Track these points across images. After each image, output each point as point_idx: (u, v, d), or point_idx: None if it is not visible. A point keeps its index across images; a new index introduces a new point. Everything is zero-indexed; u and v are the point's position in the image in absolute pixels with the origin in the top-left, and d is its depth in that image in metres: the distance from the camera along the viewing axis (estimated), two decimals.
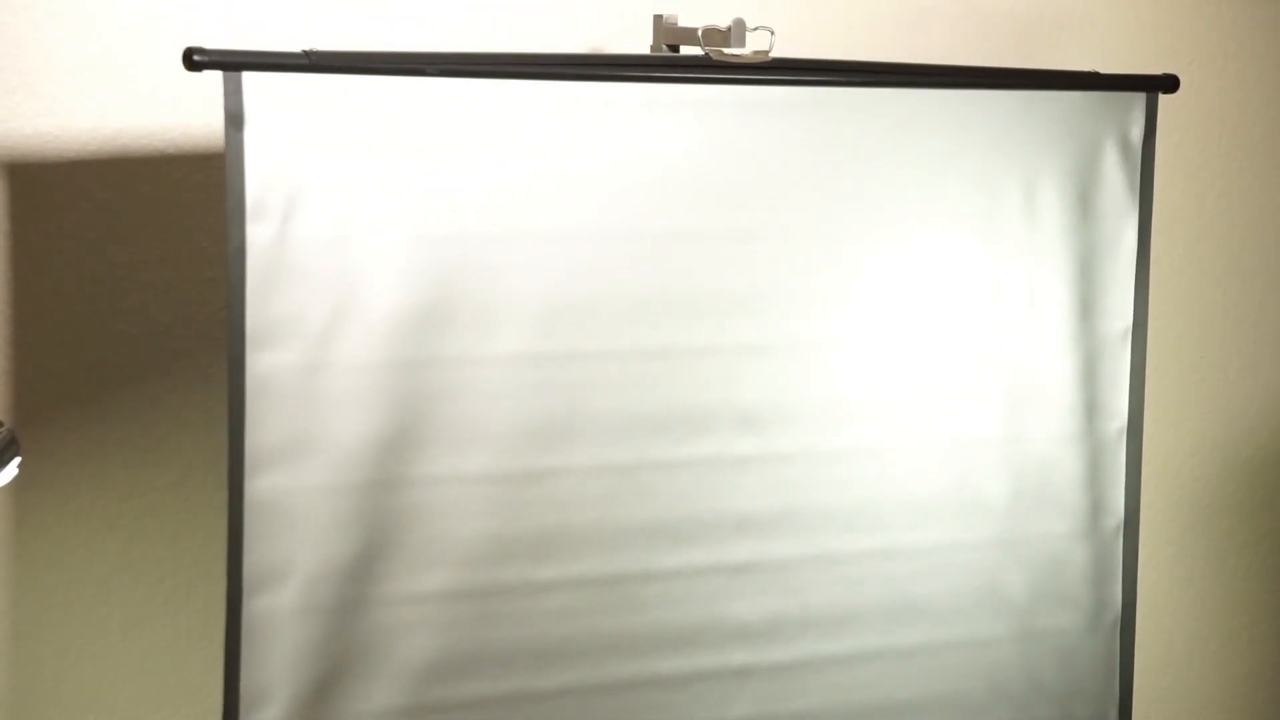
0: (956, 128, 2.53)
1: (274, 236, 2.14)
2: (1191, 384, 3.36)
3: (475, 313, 2.26)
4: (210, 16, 2.50)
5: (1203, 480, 3.41)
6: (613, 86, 2.32)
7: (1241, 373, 3.41)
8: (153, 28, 2.47)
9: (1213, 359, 3.38)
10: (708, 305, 2.39)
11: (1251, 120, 3.33)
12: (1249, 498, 3.46)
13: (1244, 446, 3.44)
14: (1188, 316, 3.33)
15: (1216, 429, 3.41)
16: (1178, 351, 3.33)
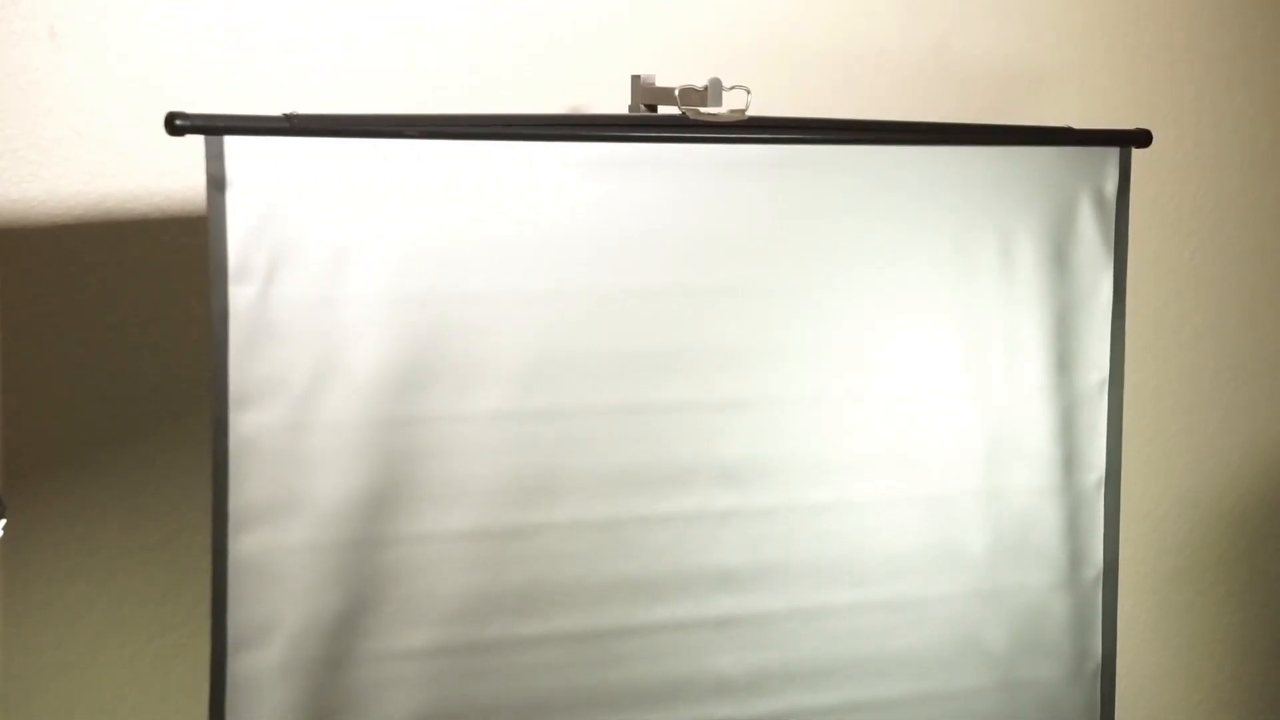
0: (933, 183, 2.55)
1: (256, 297, 2.16)
2: (1171, 435, 3.38)
3: (457, 371, 2.28)
4: (192, 80, 2.52)
5: (1184, 530, 3.42)
6: (592, 146, 2.34)
7: (1221, 423, 3.43)
8: (135, 93, 2.50)
9: (1192, 410, 3.40)
10: (687, 361, 2.41)
11: (1226, 174, 3.36)
12: (1231, 547, 3.48)
13: (1225, 496, 3.45)
14: (1166, 368, 3.35)
15: (1197, 479, 3.43)
16: (1157, 403, 3.35)
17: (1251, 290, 3.42)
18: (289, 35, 2.58)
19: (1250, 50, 3.34)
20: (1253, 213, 3.40)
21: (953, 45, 3.05)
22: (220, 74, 2.54)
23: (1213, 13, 3.29)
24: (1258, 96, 3.36)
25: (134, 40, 2.50)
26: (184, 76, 2.52)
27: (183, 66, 2.52)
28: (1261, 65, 3.35)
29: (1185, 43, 3.27)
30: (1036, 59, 3.13)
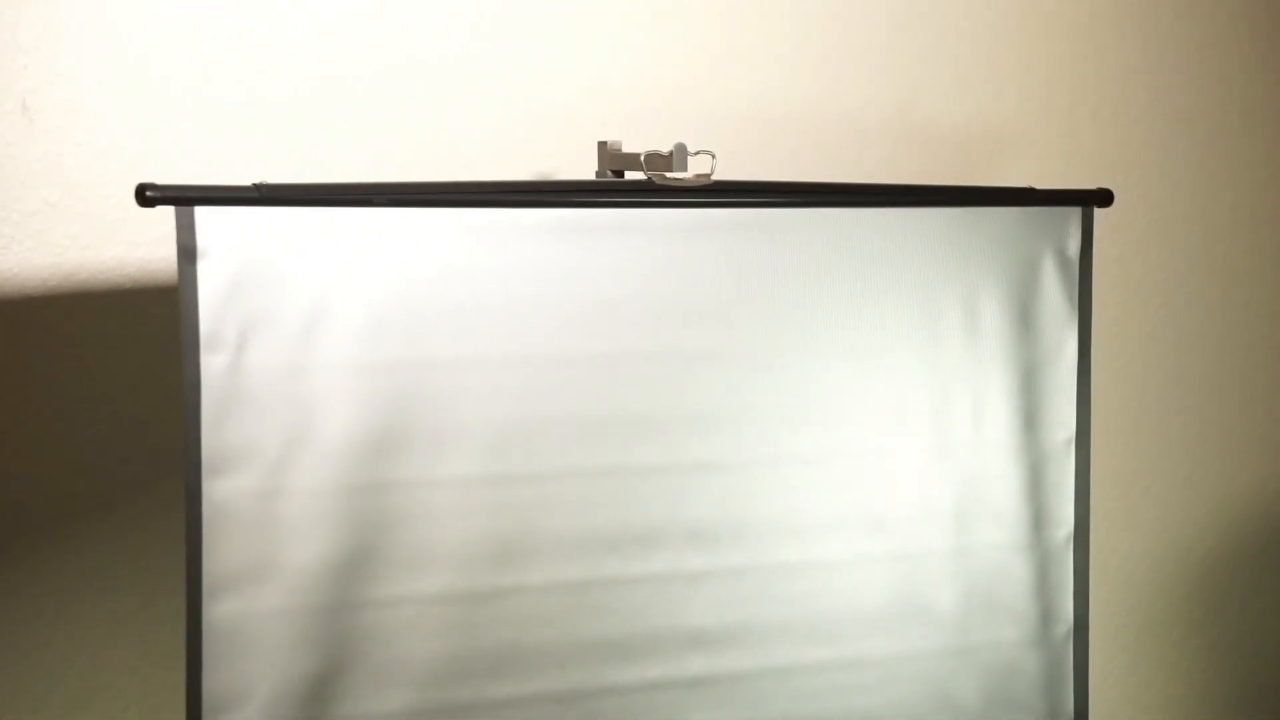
0: (898, 245, 2.58)
1: (228, 366, 2.18)
2: (1138, 491, 3.40)
3: (428, 437, 2.30)
4: (163, 152, 2.54)
5: (1154, 586, 3.44)
6: (559, 212, 2.36)
7: (1188, 478, 3.46)
8: (107, 165, 2.52)
9: (1159, 465, 3.42)
10: (657, 424, 2.43)
11: (1189, 232, 3.39)
12: (1200, 602, 3.49)
13: (1193, 550, 3.48)
14: (1133, 424, 3.38)
15: (1165, 535, 3.45)
16: (1124, 459, 3.37)
17: (1215, 346, 3.45)
18: (259, 106, 2.60)
19: (1209, 110, 3.38)
20: (1216, 270, 3.43)
21: (917, 108, 3.08)
22: (190, 145, 2.56)
23: (1173, 73, 3.33)
24: (1218, 155, 3.40)
25: (105, 114, 2.52)
26: (155, 148, 2.54)
27: (153, 139, 2.54)
28: (1221, 125, 3.39)
29: (1146, 103, 3.31)
30: (999, 121, 3.16)
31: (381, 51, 2.68)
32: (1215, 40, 3.37)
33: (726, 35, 2.92)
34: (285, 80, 2.62)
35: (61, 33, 2.50)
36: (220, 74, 2.58)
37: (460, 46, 2.73)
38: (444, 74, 2.72)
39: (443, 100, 2.72)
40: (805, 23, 2.99)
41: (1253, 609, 3.55)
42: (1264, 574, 3.55)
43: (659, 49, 2.87)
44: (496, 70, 2.76)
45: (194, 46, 2.56)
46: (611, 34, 2.84)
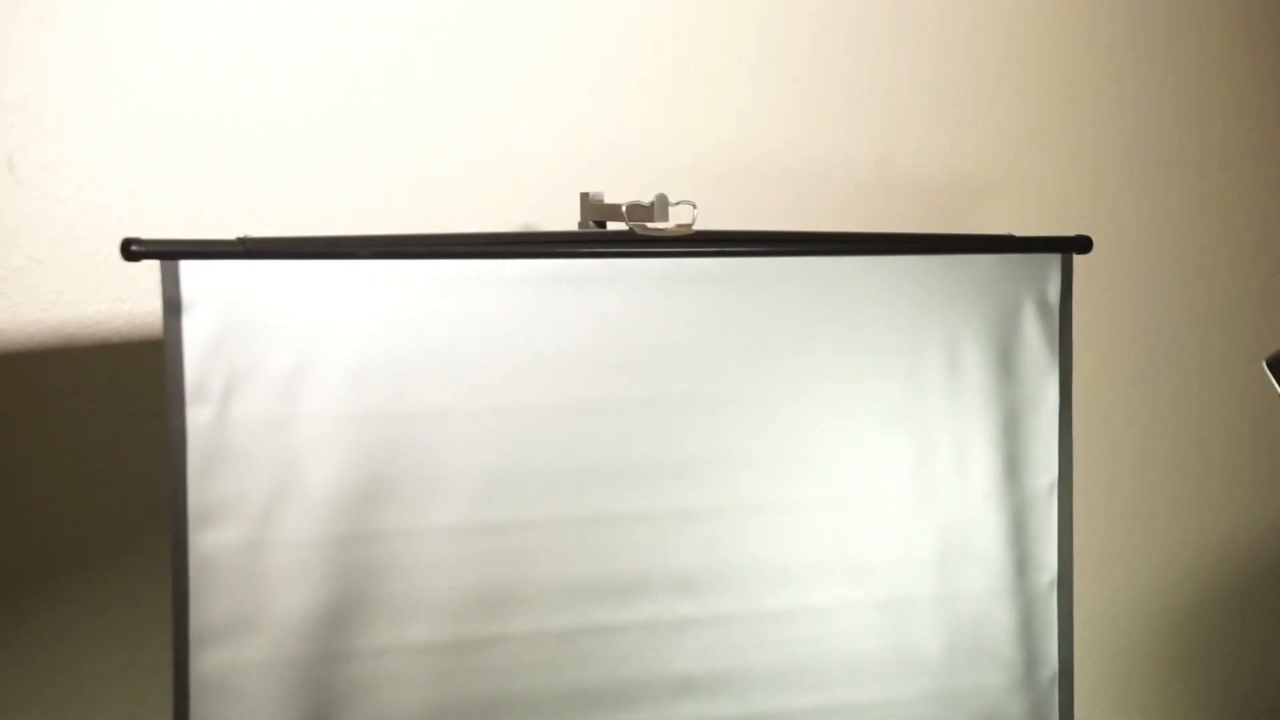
0: (879, 292, 2.59)
1: (214, 418, 2.19)
2: (1121, 536, 3.41)
3: (413, 487, 2.31)
4: (148, 206, 2.56)
5: (1138, 630, 3.45)
6: (542, 263, 2.38)
7: (1170, 523, 3.47)
8: (93, 221, 2.54)
9: (1142, 510, 3.43)
10: (641, 472, 2.44)
11: (1167, 278, 3.41)
12: (1185, 647, 3.50)
13: (1177, 595, 3.48)
14: (1114, 469, 3.39)
15: (1149, 579, 3.46)
16: (1107, 504, 3.38)
17: (1197, 390, 3.46)
18: (243, 160, 2.62)
19: (1187, 156, 3.40)
20: (1196, 315, 3.45)
21: (896, 158, 3.10)
22: (176, 200, 2.58)
23: (1150, 119, 3.36)
24: (1196, 201, 3.42)
25: (90, 170, 2.54)
26: (140, 204, 2.56)
27: (139, 194, 2.56)
28: (1199, 170, 3.42)
29: (1123, 150, 3.33)
30: (978, 169, 3.18)
31: (364, 105, 2.70)
32: (1191, 87, 3.40)
33: (707, 87, 2.94)
34: (269, 134, 2.64)
35: (47, 91, 2.52)
36: (204, 129, 2.60)
37: (443, 98, 2.75)
38: (426, 126, 2.74)
39: (425, 152, 2.74)
40: (785, 74, 3.01)
41: (1238, 652, 3.56)
42: (1249, 617, 3.56)
43: (640, 100, 2.89)
44: (479, 122, 2.78)
45: (178, 103, 2.58)
46: (593, 86, 2.86)
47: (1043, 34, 3.25)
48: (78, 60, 2.53)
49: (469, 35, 2.77)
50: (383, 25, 2.71)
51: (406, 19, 2.73)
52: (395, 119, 2.72)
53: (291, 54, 2.65)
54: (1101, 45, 3.30)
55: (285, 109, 2.65)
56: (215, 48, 2.60)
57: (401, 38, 2.73)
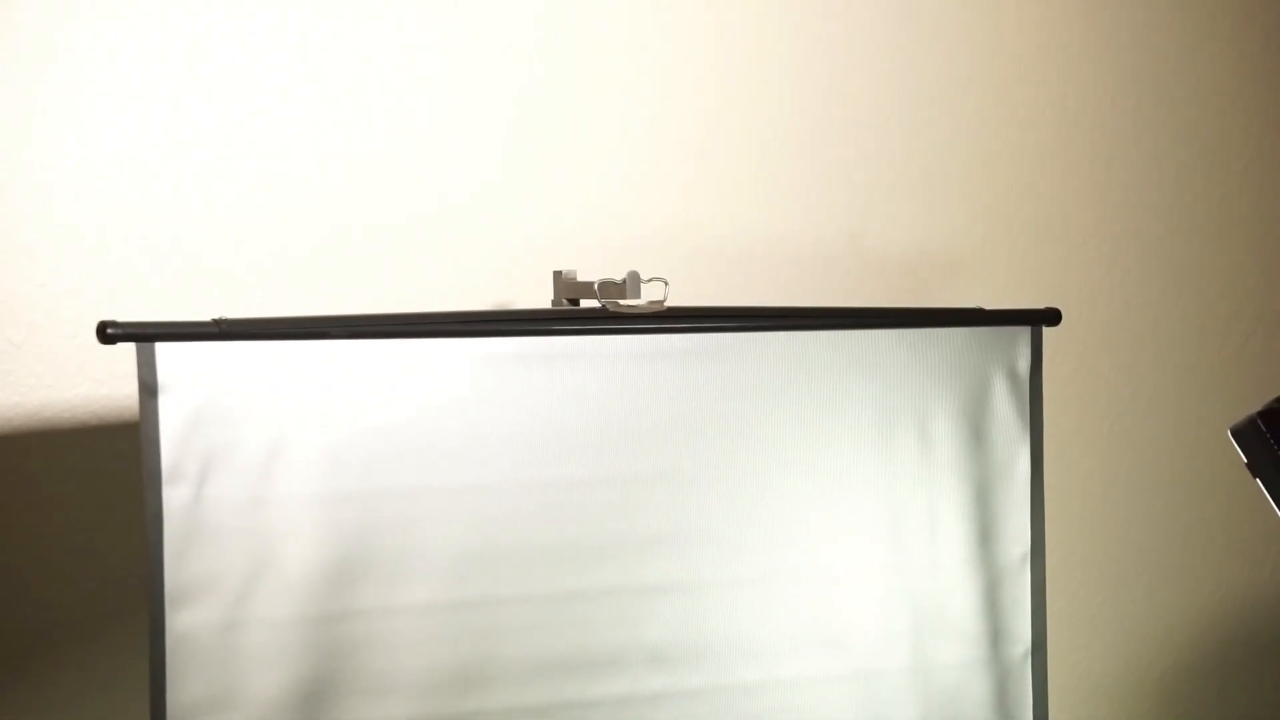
0: (850, 366, 2.61)
1: (190, 499, 2.21)
2: (1097, 605, 3.42)
3: (389, 565, 2.32)
4: (124, 290, 2.58)
5: (1114, 702, 3.45)
6: (516, 341, 2.40)
7: (1146, 591, 3.48)
8: (69, 305, 2.56)
9: (1118, 580, 3.44)
10: (615, 547, 2.45)
11: (1140, 347, 3.43)
12: (1163, 716, 3.50)
13: (1153, 667, 3.49)
14: (1088, 540, 3.40)
15: (1125, 650, 3.46)
16: (1083, 574, 3.40)
17: (1170, 461, 3.48)
18: (218, 243, 2.64)
19: (1155, 228, 3.43)
20: (1168, 385, 3.47)
21: (867, 232, 3.13)
22: (151, 284, 2.60)
23: (1118, 192, 3.39)
24: (1165, 273, 3.45)
25: (67, 256, 2.56)
26: (116, 288, 2.58)
27: (115, 279, 2.58)
28: (1167, 243, 3.44)
29: (1092, 224, 3.36)
30: (949, 243, 3.21)
31: (339, 186, 2.73)
32: (1159, 159, 3.43)
33: (678, 164, 2.97)
34: (244, 217, 2.66)
35: (23, 177, 2.54)
36: (181, 213, 2.62)
37: (414, 179, 2.78)
38: (397, 206, 2.77)
39: (398, 232, 2.77)
40: (755, 151, 3.04)
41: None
42: (1225, 689, 3.57)
43: (612, 179, 2.92)
44: (453, 201, 2.80)
45: (153, 188, 2.61)
46: (564, 165, 2.89)
47: (1011, 109, 3.28)
48: (54, 145, 2.56)
49: (443, 115, 2.80)
50: (357, 105, 2.74)
51: (381, 100, 2.76)
52: (369, 199, 2.75)
53: (266, 138, 2.68)
54: (1070, 120, 3.34)
55: (260, 192, 2.67)
56: (190, 131, 2.63)
57: (376, 118, 2.75)
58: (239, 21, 2.66)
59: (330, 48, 2.72)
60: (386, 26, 2.76)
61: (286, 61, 2.69)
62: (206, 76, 2.64)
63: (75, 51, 2.57)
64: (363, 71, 2.74)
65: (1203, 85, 3.48)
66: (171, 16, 2.62)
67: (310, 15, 2.71)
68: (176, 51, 2.62)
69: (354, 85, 2.74)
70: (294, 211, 2.70)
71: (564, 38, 2.89)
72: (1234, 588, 3.57)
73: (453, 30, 2.80)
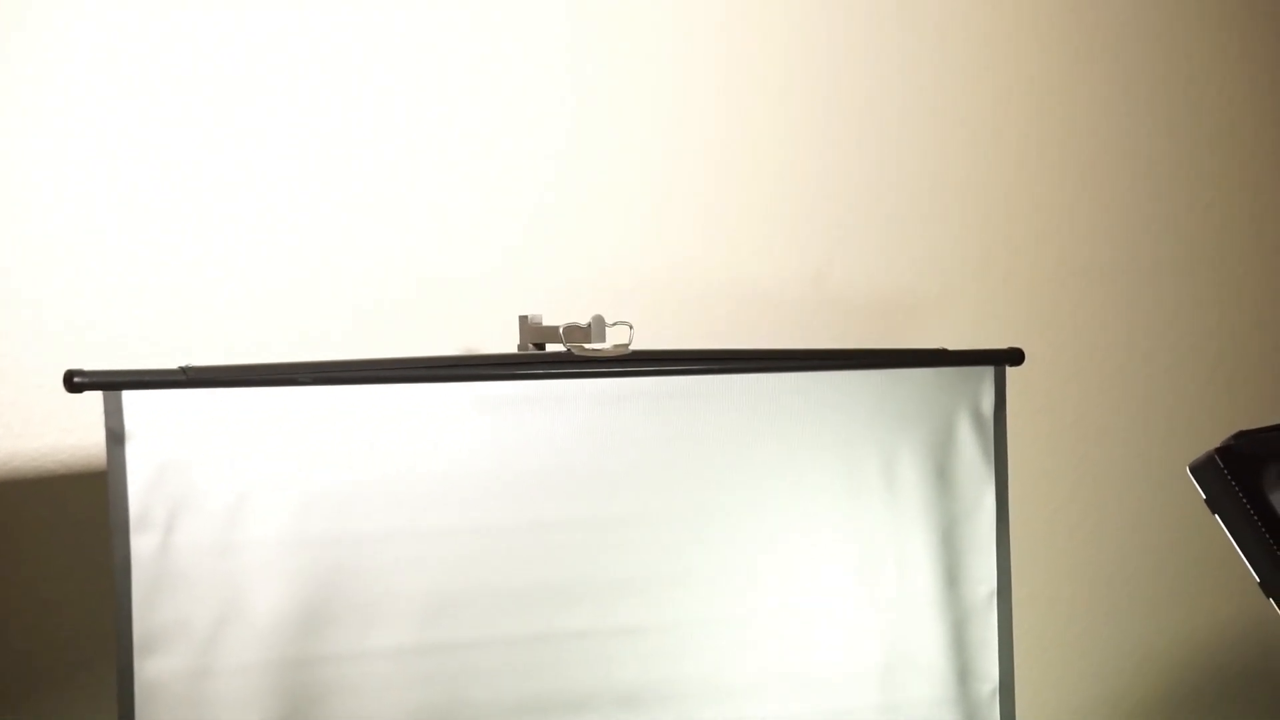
0: (816, 408, 2.63)
1: (158, 546, 2.21)
2: (1065, 644, 3.43)
3: (358, 610, 2.32)
4: (91, 338, 2.59)
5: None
6: (482, 386, 2.42)
7: (1113, 631, 3.49)
8: (36, 355, 2.55)
9: (1085, 618, 3.46)
10: (583, 590, 2.46)
11: (1104, 385, 3.45)
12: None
13: (1120, 704, 3.50)
14: (1055, 577, 3.41)
15: (1091, 688, 3.47)
16: (1050, 612, 3.41)
17: (1137, 496, 3.50)
18: (184, 290, 2.65)
19: (1118, 267, 3.46)
20: (1133, 424, 3.49)
21: (831, 275, 3.14)
22: (118, 331, 2.60)
23: (1080, 232, 3.41)
24: (1128, 312, 3.48)
25: (33, 305, 2.56)
26: (83, 336, 2.58)
27: (81, 327, 2.58)
28: (1131, 282, 3.47)
29: (1056, 263, 3.38)
30: (912, 284, 3.23)
31: (305, 232, 2.73)
32: (1120, 200, 3.46)
33: (641, 208, 2.99)
34: (209, 262, 2.67)
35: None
36: (148, 260, 2.63)
37: (381, 226, 2.79)
38: (365, 251, 2.78)
39: (365, 278, 2.77)
40: (720, 193, 3.06)
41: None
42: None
43: (576, 223, 2.93)
44: (419, 247, 2.81)
45: (119, 235, 2.61)
46: (530, 210, 2.90)
47: (974, 150, 3.30)
48: (19, 193, 2.57)
49: (407, 161, 2.81)
50: (321, 152, 2.75)
51: (344, 145, 2.77)
52: (336, 247, 2.76)
53: (230, 185, 2.69)
54: (1031, 161, 3.36)
55: (227, 239, 2.68)
56: (155, 179, 2.64)
57: (339, 164, 2.77)
58: (200, 70, 2.67)
59: (288, 94, 2.73)
60: (341, 75, 2.77)
61: (249, 109, 2.70)
62: (171, 122, 2.65)
63: (39, 96, 2.58)
64: (325, 120, 2.75)
65: (1164, 127, 3.51)
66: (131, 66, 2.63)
67: (268, 61, 2.72)
68: (142, 97, 2.63)
69: (317, 134, 2.75)
70: (260, 259, 2.70)
71: (522, 86, 2.90)
72: (1199, 623, 3.59)
73: (412, 74, 2.82)
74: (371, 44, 2.79)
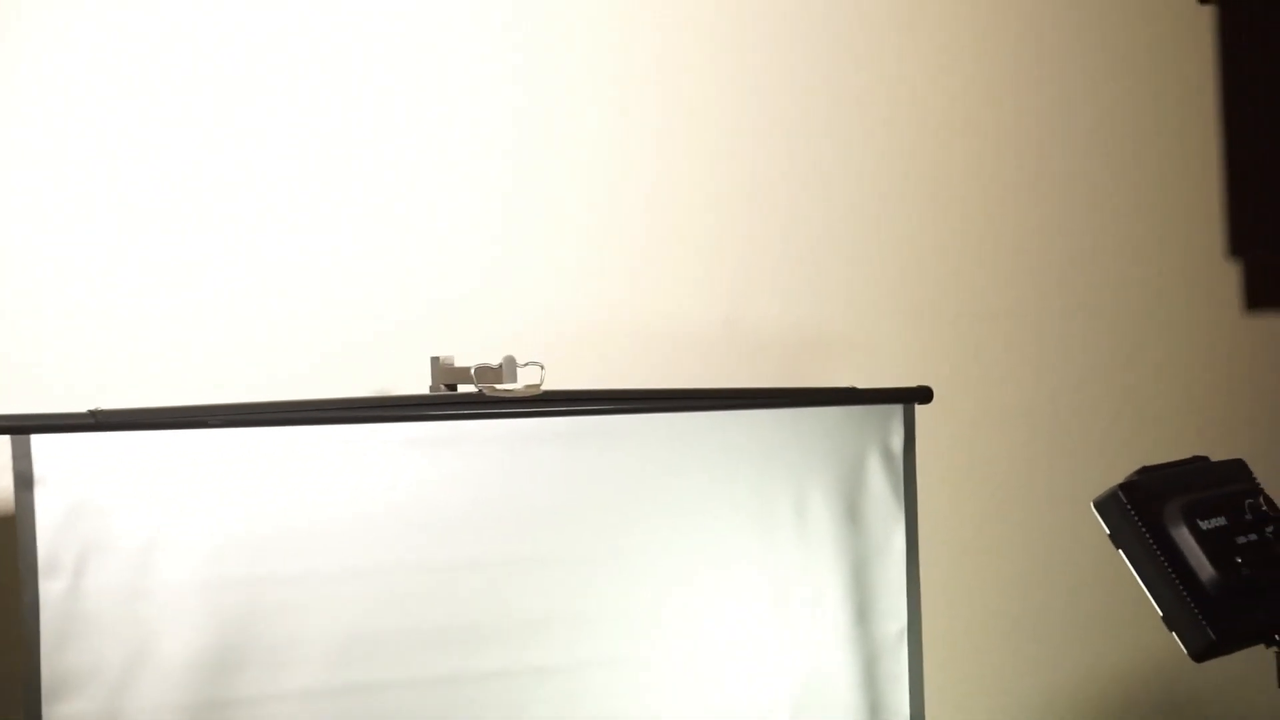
0: (726, 447, 2.65)
1: (67, 591, 2.20)
2: (974, 680, 3.45)
3: (270, 652, 2.32)
4: None
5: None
6: (394, 427, 2.42)
7: (1022, 663, 3.51)
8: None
9: (993, 655, 3.48)
10: (495, 631, 2.47)
11: (1011, 425, 3.48)
12: None
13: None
14: (965, 613, 3.44)
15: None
16: (959, 647, 3.43)
17: (1043, 535, 3.53)
18: (93, 333, 2.64)
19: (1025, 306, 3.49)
20: (1040, 461, 3.52)
21: (742, 315, 3.16)
22: (27, 376, 2.59)
23: (987, 273, 3.45)
24: (1036, 350, 3.51)
25: None
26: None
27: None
28: (1036, 321, 3.51)
29: (964, 301, 3.42)
30: (822, 323, 3.25)
31: (215, 275, 2.73)
32: (1027, 243, 3.50)
33: (554, 250, 3.00)
34: (120, 305, 2.66)
35: None
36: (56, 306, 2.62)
37: (294, 265, 2.79)
38: (276, 292, 2.77)
39: (278, 319, 2.77)
40: (630, 234, 3.07)
41: None
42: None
43: (489, 264, 2.94)
44: (330, 289, 2.81)
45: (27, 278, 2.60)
46: (441, 253, 2.91)
47: (883, 192, 3.33)
48: None
49: (317, 204, 2.81)
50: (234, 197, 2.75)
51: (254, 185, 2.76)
52: (247, 288, 2.75)
53: (140, 229, 2.68)
54: (941, 203, 3.40)
55: (137, 281, 2.67)
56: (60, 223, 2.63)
57: (252, 208, 2.76)
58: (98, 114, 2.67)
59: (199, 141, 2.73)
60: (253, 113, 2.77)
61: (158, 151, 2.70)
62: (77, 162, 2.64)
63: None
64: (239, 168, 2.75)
65: (1066, 170, 3.55)
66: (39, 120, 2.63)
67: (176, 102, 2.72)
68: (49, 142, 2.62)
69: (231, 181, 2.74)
70: (171, 302, 2.69)
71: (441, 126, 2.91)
72: (1106, 658, 3.61)
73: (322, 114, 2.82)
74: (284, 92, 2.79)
